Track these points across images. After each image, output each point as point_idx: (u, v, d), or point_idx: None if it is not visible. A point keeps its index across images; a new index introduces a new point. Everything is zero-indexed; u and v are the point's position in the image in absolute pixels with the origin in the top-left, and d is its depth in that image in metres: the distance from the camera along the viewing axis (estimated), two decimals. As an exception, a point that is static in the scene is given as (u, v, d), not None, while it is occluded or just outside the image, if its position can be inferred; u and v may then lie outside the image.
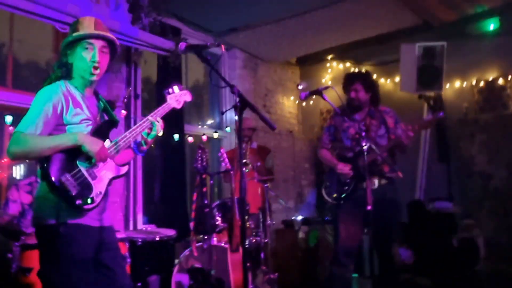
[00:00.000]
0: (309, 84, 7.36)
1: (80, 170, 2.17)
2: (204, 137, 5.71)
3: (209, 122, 6.35)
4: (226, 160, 3.70)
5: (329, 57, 7.13)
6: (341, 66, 7.22)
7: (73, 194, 2.09)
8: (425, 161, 6.16)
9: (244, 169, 4.52)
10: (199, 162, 3.55)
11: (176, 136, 5.18)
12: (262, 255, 4.29)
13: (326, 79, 7.24)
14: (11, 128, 4.05)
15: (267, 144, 6.49)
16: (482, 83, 5.93)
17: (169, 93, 2.62)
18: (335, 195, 3.71)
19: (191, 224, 3.67)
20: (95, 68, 2.28)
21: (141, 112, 5.12)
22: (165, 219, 4.94)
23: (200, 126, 6.16)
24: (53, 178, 2.08)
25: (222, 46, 2.44)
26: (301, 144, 7.08)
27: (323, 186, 3.83)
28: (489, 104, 5.89)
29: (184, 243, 4.89)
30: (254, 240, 4.23)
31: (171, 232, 4.25)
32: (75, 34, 2.28)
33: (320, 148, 3.98)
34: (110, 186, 2.33)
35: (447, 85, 6.00)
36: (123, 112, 4.75)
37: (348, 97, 3.80)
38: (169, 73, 5.22)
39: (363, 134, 3.26)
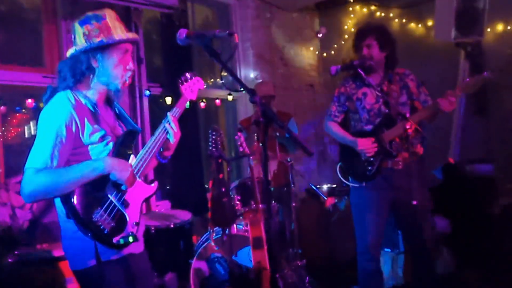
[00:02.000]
0: (330, 32, 6.68)
1: (111, 201, 1.84)
2: (218, 101, 5.20)
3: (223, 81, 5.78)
4: (244, 144, 3.22)
5: (351, -1, 6.40)
6: (365, 9, 6.47)
7: (108, 232, 1.79)
8: (460, 116, 5.57)
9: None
10: (213, 146, 3.08)
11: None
12: (287, 235, 3.92)
13: (349, 25, 6.53)
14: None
15: (286, 102, 5.97)
16: (529, 26, 5.21)
17: (182, 83, 2.31)
18: (356, 177, 3.20)
19: (209, 214, 3.27)
20: (131, 77, 2.01)
21: (146, 79, 4.60)
22: (180, 196, 4.57)
23: (209, 88, 5.59)
24: (84, 219, 1.75)
25: (236, 35, 1.90)
26: (323, 99, 6.50)
27: (337, 167, 3.32)
28: (537, 50, 5.20)
29: (201, 220, 4.55)
30: (277, 220, 3.85)
31: (186, 216, 3.89)
32: (117, 37, 1.91)
33: (328, 121, 3.39)
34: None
35: (488, 29, 5.29)
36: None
37: (359, 55, 3.19)
38: (175, 33, 4.62)
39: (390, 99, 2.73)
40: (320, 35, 6.76)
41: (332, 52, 6.66)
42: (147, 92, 4.42)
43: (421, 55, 5.67)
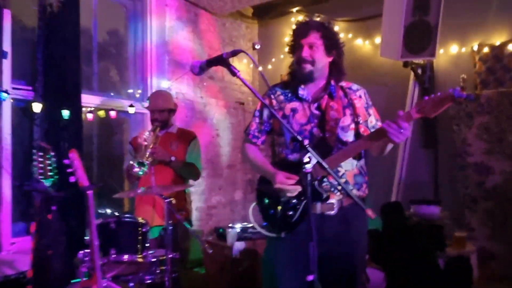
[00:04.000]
0: (268, 43, 5.87)
1: None
2: (113, 113, 4.22)
3: (133, 91, 4.80)
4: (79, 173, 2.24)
5: (295, 9, 5.65)
6: (308, 21, 5.69)
7: None
8: (406, 149, 4.82)
9: (137, 170, 3.13)
10: (40, 173, 2.09)
11: (66, 113, 3.68)
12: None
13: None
14: None
15: (207, 121, 5.07)
16: (486, 49, 4.52)
17: None
18: (273, 225, 2.32)
19: (28, 273, 2.26)
20: None
21: (11, 79, 3.59)
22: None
23: (107, 97, 4.61)
24: None
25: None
26: (256, 119, 5.66)
27: (251, 208, 2.42)
28: (494, 76, 4.50)
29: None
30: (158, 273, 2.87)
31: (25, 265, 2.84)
32: None
33: (245, 143, 2.53)
34: None
35: (441, 50, 4.59)
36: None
37: (296, 58, 2.35)
38: (55, 23, 3.66)
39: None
40: (257, 47, 5.91)
41: (270, 66, 5.83)
42: (4, 95, 3.39)
43: (366, 75, 4.93)
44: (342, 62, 2.43)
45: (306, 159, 1.64)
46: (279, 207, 2.29)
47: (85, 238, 2.63)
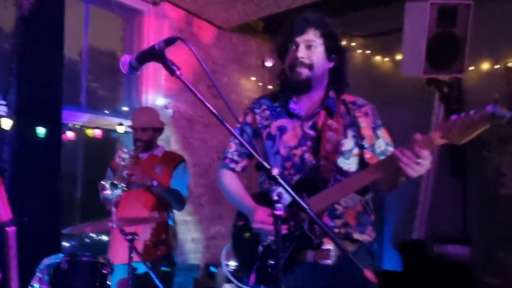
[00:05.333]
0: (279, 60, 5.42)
1: None
2: (98, 132, 3.81)
3: (128, 109, 4.38)
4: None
5: (308, 24, 5.20)
6: (322, 36, 5.25)
7: None
8: (430, 177, 4.24)
9: (108, 193, 2.66)
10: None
11: (41, 130, 3.28)
12: None
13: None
14: None
15: (207, 143, 4.63)
16: (522, 66, 3.98)
17: None
18: (247, 274, 1.82)
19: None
20: None
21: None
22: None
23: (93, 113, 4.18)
24: None
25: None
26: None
27: (223, 251, 1.94)
28: (532, 97, 3.95)
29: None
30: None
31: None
32: None
33: (221, 169, 2.04)
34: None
35: (471, 67, 4.06)
36: None
37: (288, 61, 1.85)
38: (34, 30, 3.31)
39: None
40: (268, 64, 5.49)
41: (280, 84, 5.38)
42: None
43: (385, 95, 4.42)
44: (345, 70, 1.94)
45: (275, 197, 1.15)
46: (258, 253, 1.79)
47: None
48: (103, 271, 2.28)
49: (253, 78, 5.40)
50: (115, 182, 2.66)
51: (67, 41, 3.54)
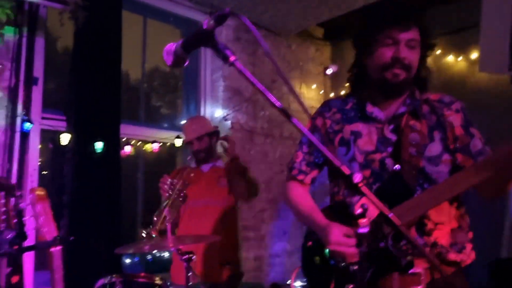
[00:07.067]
0: (341, 68, 5.16)
1: None
2: (155, 146, 3.72)
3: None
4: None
5: (371, 27, 4.90)
6: (387, 39, 4.92)
7: None
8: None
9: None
10: (3, 218, 1.55)
11: (100, 145, 3.22)
12: None
13: (366, 58, 5.00)
14: None
15: (266, 154, 4.42)
16: None
17: None
18: None
19: None
20: None
21: (41, 109, 3.22)
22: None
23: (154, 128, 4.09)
24: None
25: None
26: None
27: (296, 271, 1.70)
28: None
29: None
30: None
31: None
32: None
33: (289, 181, 1.79)
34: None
35: None
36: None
37: (384, 59, 1.56)
38: (92, 46, 3.28)
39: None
40: (329, 71, 5.24)
41: (343, 92, 5.09)
42: (27, 125, 2.99)
43: (461, 98, 3.98)
44: (429, 70, 1.67)
45: (358, 211, 0.90)
46: (333, 277, 1.52)
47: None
48: (160, 293, 2.10)
49: (314, 86, 5.15)
50: (150, 233, 2.51)
51: (127, 59, 3.51)
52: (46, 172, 3.54)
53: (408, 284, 1.45)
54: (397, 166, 1.53)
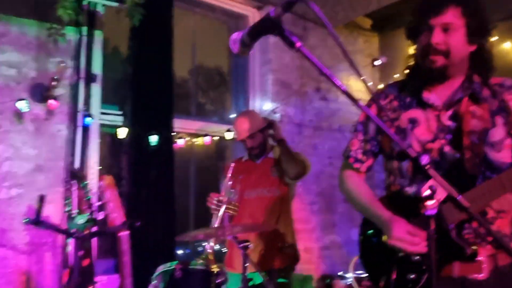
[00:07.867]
0: (389, 58, 5.07)
1: None
2: (207, 139, 3.81)
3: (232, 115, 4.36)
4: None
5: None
6: (439, 27, 4.79)
7: None
8: None
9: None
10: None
11: (154, 138, 3.34)
12: None
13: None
14: None
15: (317, 148, 4.42)
16: None
17: None
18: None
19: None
20: None
21: (100, 103, 3.37)
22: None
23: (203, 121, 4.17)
24: None
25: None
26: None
27: (354, 260, 1.71)
28: None
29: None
30: None
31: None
32: None
33: (345, 170, 1.80)
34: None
35: None
36: (52, 102, 3.01)
37: (420, 46, 1.58)
38: (146, 43, 3.40)
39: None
40: (377, 63, 5.16)
41: (389, 82, 5.01)
42: (88, 120, 3.14)
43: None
44: (490, 54, 1.63)
45: (426, 192, 0.91)
46: (394, 268, 1.52)
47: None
48: (217, 281, 2.17)
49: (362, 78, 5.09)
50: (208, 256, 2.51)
51: (178, 59, 3.61)
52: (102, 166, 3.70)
53: (469, 271, 1.44)
54: (457, 154, 1.52)
